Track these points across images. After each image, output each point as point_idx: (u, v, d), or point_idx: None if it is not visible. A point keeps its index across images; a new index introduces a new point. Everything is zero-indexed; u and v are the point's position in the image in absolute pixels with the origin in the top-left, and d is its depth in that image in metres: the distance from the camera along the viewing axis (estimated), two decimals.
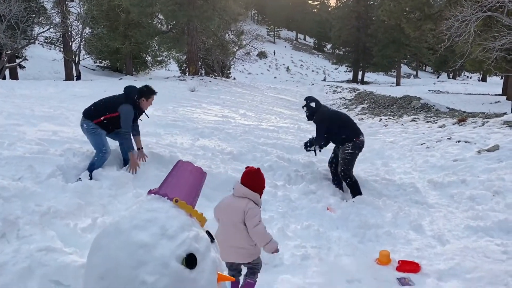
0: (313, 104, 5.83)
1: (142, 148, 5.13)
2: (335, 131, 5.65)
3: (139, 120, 5.20)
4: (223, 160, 6.05)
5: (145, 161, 5.13)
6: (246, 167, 2.97)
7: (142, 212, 1.48)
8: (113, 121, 4.81)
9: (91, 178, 4.49)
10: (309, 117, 5.94)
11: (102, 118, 4.76)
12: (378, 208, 5.07)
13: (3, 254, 2.74)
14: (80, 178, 4.42)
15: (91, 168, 4.63)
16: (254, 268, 2.88)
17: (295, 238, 4.01)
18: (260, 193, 2.86)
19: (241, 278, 2.96)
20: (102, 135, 4.81)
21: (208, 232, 1.69)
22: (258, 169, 2.92)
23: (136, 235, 1.35)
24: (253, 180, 2.83)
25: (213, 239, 1.74)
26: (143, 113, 5.21)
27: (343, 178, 5.54)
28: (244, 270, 2.97)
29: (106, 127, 4.85)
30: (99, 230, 3.41)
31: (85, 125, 4.80)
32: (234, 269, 2.91)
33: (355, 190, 5.46)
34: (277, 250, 2.78)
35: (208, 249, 1.57)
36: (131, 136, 4.88)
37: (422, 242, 4.24)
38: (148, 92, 4.99)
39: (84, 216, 3.68)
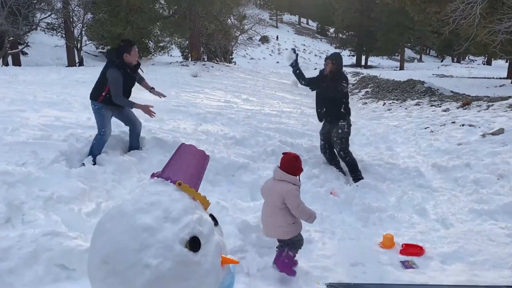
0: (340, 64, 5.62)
1: (153, 88, 5.24)
2: (338, 101, 5.53)
3: (140, 72, 5.09)
4: (226, 145, 6.04)
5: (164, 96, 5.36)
6: (283, 153, 3.27)
7: (146, 195, 1.47)
8: (113, 102, 4.73)
9: (94, 163, 4.49)
10: (333, 72, 5.52)
11: (103, 93, 4.68)
12: (382, 192, 5.07)
13: (8, 238, 2.76)
14: (83, 163, 4.42)
15: (92, 151, 4.62)
16: (294, 244, 3.19)
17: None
18: (298, 175, 3.20)
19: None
20: (106, 116, 4.74)
21: (211, 215, 1.69)
22: (295, 155, 3.23)
23: (139, 218, 1.34)
24: (290, 164, 3.14)
25: (217, 222, 1.73)
26: (138, 67, 5.02)
27: (343, 156, 5.55)
28: None
29: (110, 102, 4.73)
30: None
31: (92, 106, 4.80)
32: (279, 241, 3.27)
33: (355, 168, 5.48)
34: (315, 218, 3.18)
35: (211, 232, 1.57)
36: (123, 98, 4.71)
37: (426, 226, 4.24)
38: (126, 46, 4.75)
39: (88, 201, 3.69)
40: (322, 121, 5.90)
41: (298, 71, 5.82)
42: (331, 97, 5.53)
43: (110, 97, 4.68)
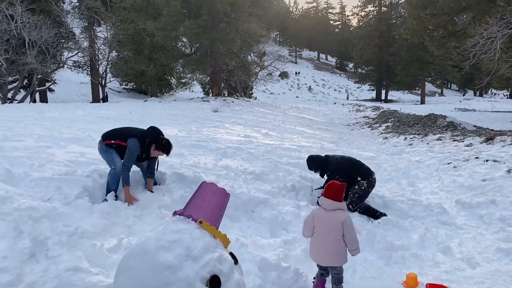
0: (316, 165, 5.88)
1: (151, 192, 4.97)
2: (351, 176, 5.62)
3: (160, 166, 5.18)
4: (245, 180, 6.06)
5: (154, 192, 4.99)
6: (328, 183, 3.49)
7: (168, 233, 1.51)
8: (120, 149, 4.81)
9: (116, 199, 4.57)
10: (322, 175, 5.89)
11: (112, 141, 4.83)
12: (404, 229, 4.96)
13: (32, 273, 2.80)
14: (106, 198, 4.49)
15: (108, 187, 4.69)
16: (340, 274, 3.37)
17: None
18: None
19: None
20: (113, 153, 4.84)
21: (231, 254, 1.70)
22: (342, 184, 3.45)
23: (161, 256, 1.37)
24: (339, 193, 3.37)
25: (237, 260, 1.75)
26: (155, 162, 5.08)
27: (352, 209, 5.41)
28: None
29: (117, 151, 4.87)
30: (125, 251, 3.45)
31: (99, 145, 4.96)
32: (324, 269, 3.45)
33: (370, 213, 5.38)
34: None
35: (231, 270, 1.58)
36: (128, 172, 4.67)
37: (451, 265, 4.11)
38: (161, 146, 4.78)
39: (110, 236, 3.73)
40: None
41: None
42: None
43: (116, 149, 4.83)
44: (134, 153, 4.68)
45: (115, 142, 4.84)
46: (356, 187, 5.55)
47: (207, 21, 24.13)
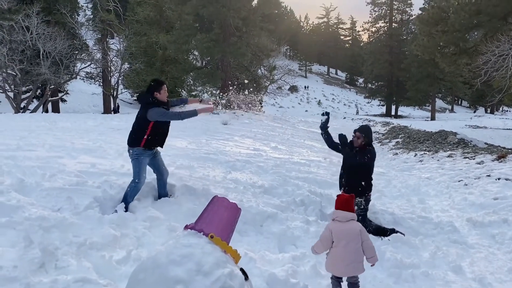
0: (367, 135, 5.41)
1: (202, 100, 5.44)
2: (361, 172, 5.30)
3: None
4: (254, 194, 6.05)
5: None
6: (338, 195, 3.65)
7: (179, 247, 1.51)
8: (156, 131, 4.77)
9: (126, 210, 4.58)
10: (363, 145, 5.33)
11: (145, 137, 4.73)
12: (414, 247, 4.90)
13: (41, 284, 2.82)
14: (116, 210, 4.52)
15: (125, 198, 4.71)
16: (358, 280, 3.54)
17: (328, 276, 3.91)
18: None
19: None
20: (143, 163, 4.79)
21: (242, 270, 1.69)
22: (350, 195, 3.63)
23: (172, 271, 1.37)
24: (350, 204, 3.53)
25: (247, 276, 1.74)
26: (168, 106, 5.07)
27: None
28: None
29: (155, 142, 4.84)
30: (133, 263, 3.46)
31: (130, 151, 4.83)
32: (340, 280, 3.58)
33: (381, 232, 5.29)
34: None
35: (242, 286, 1.58)
36: (180, 114, 4.83)
37: (462, 285, 4.05)
38: (156, 85, 4.88)
39: (119, 248, 3.74)
40: (341, 190, 5.54)
41: (326, 136, 5.68)
42: (355, 165, 5.28)
43: (153, 139, 4.77)
44: (163, 112, 4.74)
45: (147, 133, 4.71)
46: (356, 207, 5.44)
47: (219, 35, 24.43)
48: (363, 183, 5.27)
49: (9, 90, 25.18)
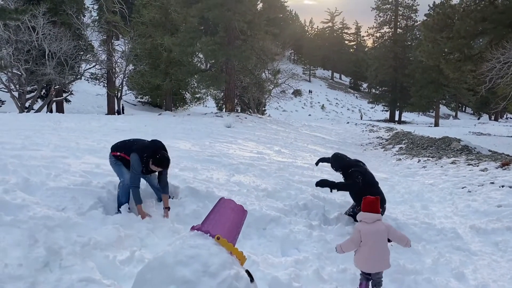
0: (339, 163, 5.79)
1: (168, 208, 4.76)
2: (363, 189, 5.34)
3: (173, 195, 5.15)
4: (257, 197, 6.05)
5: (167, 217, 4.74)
6: (364, 198, 3.89)
7: (186, 248, 1.52)
8: (126, 161, 4.76)
9: (130, 211, 4.59)
10: (344, 174, 5.73)
11: (118, 153, 4.85)
12: (417, 253, 4.89)
13: (46, 283, 2.83)
14: (119, 210, 4.53)
15: (119, 200, 4.70)
16: (381, 278, 3.79)
17: (330, 281, 3.91)
18: None
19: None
20: (121, 165, 4.85)
21: (247, 272, 1.70)
22: (376, 197, 3.90)
23: (179, 271, 1.38)
24: (375, 205, 3.80)
25: (253, 278, 1.74)
26: (165, 175, 4.85)
27: None
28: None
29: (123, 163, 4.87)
30: (137, 263, 3.46)
31: (109, 157, 4.98)
32: (368, 275, 3.79)
33: None
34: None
35: None
36: (137, 189, 4.58)
37: None
38: (156, 161, 4.59)
39: (122, 248, 3.75)
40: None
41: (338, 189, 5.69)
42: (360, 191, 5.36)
43: (120, 160, 4.83)
44: (137, 168, 4.55)
45: (120, 154, 4.84)
46: (351, 209, 5.49)
47: (224, 38, 24.50)
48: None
49: (14, 89, 25.31)
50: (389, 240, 3.90)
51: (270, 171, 7.99)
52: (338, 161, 5.82)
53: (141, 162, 4.58)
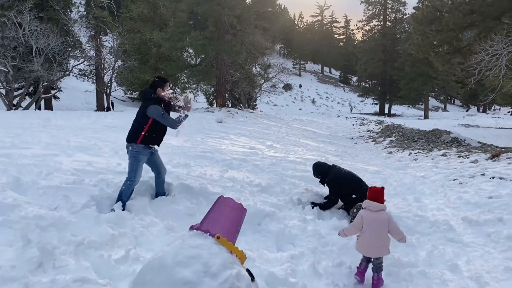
0: (318, 172, 6.33)
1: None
2: (347, 192, 5.84)
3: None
4: (252, 193, 6.05)
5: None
6: (370, 187, 4.14)
7: (185, 248, 1.49)
8: (153, 129, 4.75)
9: (124, 209, 4.55)
10: (322, 182, 6.27)
11: (142, 133, 4.71)
12: (411, 246, 4.92)
13: (40, 284, 2.79)
14: (113, 208, 4.49)
15: (120, 197, 4.67)
16: (382, 264, 3.97)
17: (326, 276, 3.92)
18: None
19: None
20: (141, 161, 4.78)
21: (248, 271, 1.68)
22: (382, 187, 4.12)
23: (179, 272, 1.36)
24: (380, 195, 4.01)
25: (253, 277, 1.73)
26: (170, 106, 5.06)
27: None
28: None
29: (152, 139, 4.83)
30: (132, 262, 3.42)
31: (130, 148, 4.79)
32: (369, 259, 4.03)
33: None
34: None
35: (249, 287, 1.57)
36: (179, 123, 4.85)
37: (459, 284, 4.07)
38: (160, 82, 4.90)
39: (117, 247, 3.71)
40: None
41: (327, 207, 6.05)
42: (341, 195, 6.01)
43: (150, 136, 4.75)
44: (160, 112, 4.71)
45: (145, 130, 4.70)
46: (355, 210, 5.53)
47: (213, 33, 24.34)
48: (354, 196, 5.73)
49: (1, 87, 24.93)
50: None
51: (263, 166, 7.98)
52: (316, 169, 6.40)
53: (157, 104, 4.76)
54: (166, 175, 5.30)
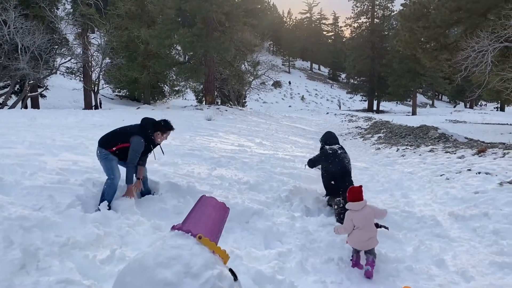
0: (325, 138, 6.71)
1: (141, 179, 5.03)
2: (324, 169, 6.05)
3: (161, 154, 5.21)
4: (240, 190, 6.03)
5: (138, 191, 5.07)
6: (349, 189, 4.39)
7: (166, 249, 1.47)
8: (124, 151, 4.76)
9: (109, 208, 4.51)
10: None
11: (114, 148, 4.75)
12: (398, 242, 4.95)
13: (23, 286, 2.75)
14: (99, 208, 4.44)
15: (103, 197, 4.63)
16: (374, 251, 4.22)
17: (314, 272, 3.92)
18: None
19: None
20: (113, 161, 4.77)
21: (231, 270, 1.67)
22: (359, 186, 4.42)
23: (160, 273, 1.34)
24: (359, 193, 4.32)
25: (236, 277, 1.71)
26: (159, 147, 5.18)
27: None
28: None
29: (117, 156, 4.83)
30: (117, 262, 3.39)
31: (98, 152, 4.83)
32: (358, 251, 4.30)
33: None
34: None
35: (231, 287, 1.55)
36: (135, 168, 4.83)
37: (445, 278, 4.10)
38: (164, 127, 4.96)
39: (102, 247, 3.67)
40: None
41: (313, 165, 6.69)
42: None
43: (119, 154, 4.78)
44: (140, 150, 4.74)
45: (118, 147, 4.74)
46: (335, 206, 5.54)
47: (202, 30, 24.21)
48: (332, 182, 5.82)
49: None
50: (376, 226, 4.37)
51: (252, 163, 7.96)
52: (324, 135, 6.83)
53: (146, 141, 4.80)
54: (153, 174, 5.26)
